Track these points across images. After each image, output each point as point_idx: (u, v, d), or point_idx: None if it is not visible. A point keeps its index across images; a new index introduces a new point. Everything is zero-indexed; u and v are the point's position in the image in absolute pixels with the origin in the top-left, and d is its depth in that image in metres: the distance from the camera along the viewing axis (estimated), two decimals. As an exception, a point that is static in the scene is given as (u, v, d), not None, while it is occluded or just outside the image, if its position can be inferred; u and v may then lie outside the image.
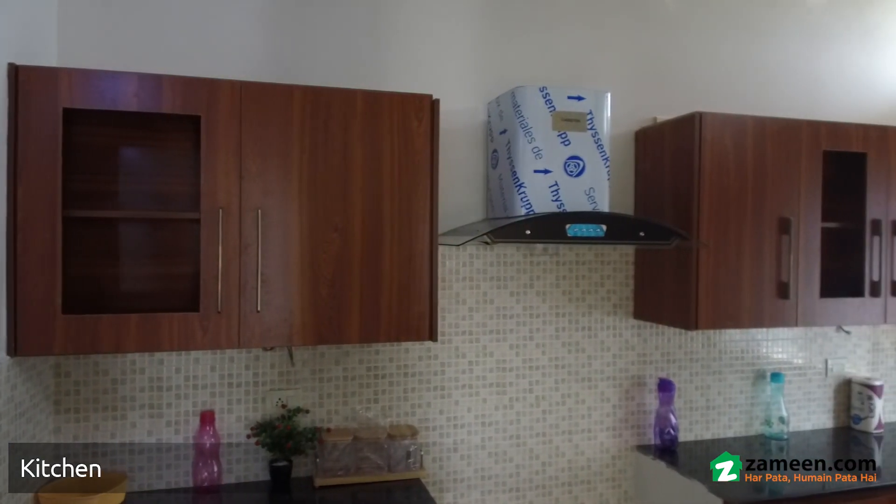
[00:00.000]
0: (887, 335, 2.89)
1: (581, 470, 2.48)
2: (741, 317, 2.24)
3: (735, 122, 2.23)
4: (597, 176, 2.14)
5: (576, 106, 2.12)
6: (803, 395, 2.76)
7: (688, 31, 2.61)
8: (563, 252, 2.46)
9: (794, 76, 2.75)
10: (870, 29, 2.87)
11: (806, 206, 2.30)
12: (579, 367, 2.48)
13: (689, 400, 2.59)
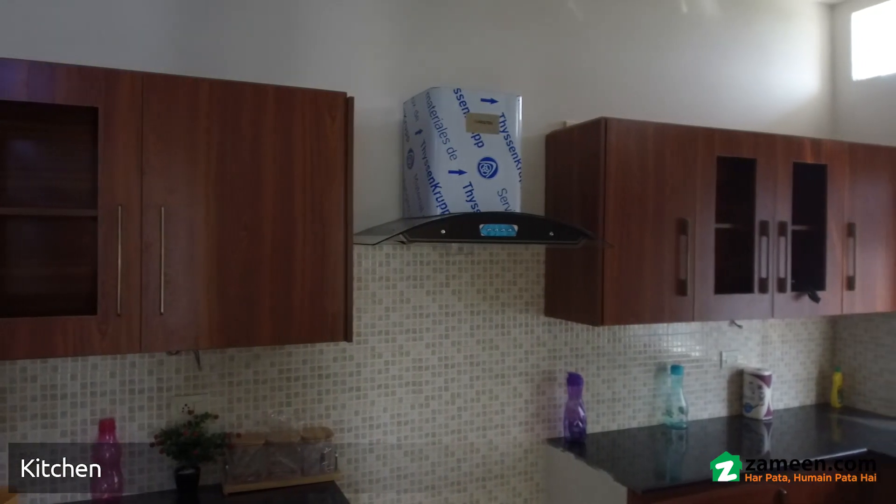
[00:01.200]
0: (775, 328, 3.12)
1: (495, 465, 2.53)
2: (643, 313, 2.36)
3: (638, 128, 2.34)
4: (509, 177, 2.19)
5: (489, 108, 2.17)
6: (700, 385, 2.94)
7: (595, 40, 2.72)
8: (478, 251, 2.51)
9: (692, 85, 2.92)
10: (760, 43, 3.09)
11: (702, 209, 2.45)
12: (493, 364, 2.53)
13: (597, 393, 2.70)
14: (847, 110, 3.24)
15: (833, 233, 2.73)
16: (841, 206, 2.74)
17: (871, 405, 3.09)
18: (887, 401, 3.02)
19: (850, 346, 3.20)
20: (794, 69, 3.19)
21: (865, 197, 2.81)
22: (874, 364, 3.08)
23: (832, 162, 2.72)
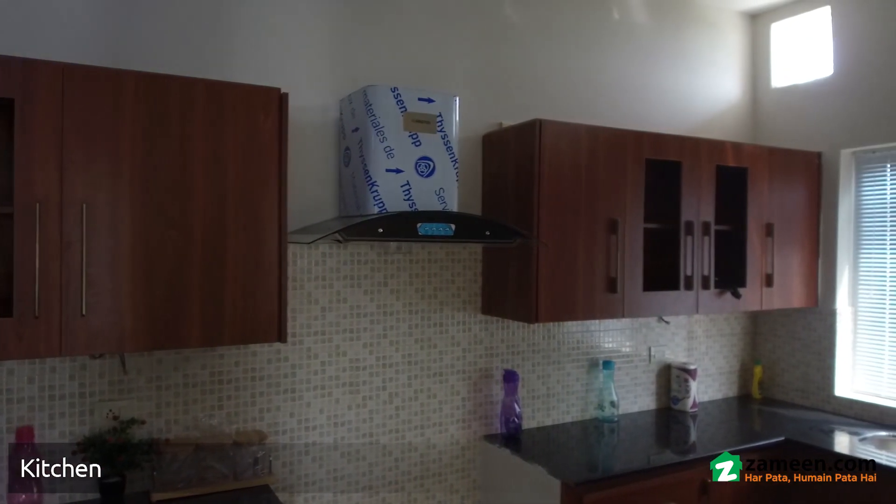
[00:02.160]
0: (699, 324, 3.26)
1: (432, 463, 2.54)
2: (576, 310, 2.43)
3: (571, 130, 2.40)
4: (446, 177, 2.20)
5: (426, 108, 2.17)
6: (631, 380, 3.04)
7: (530, 43, 2.77)
8: (416, 250, 2.51)
9: (622, 89, 3.02)
10: (686, 50, 3.23)
11: (631, 209, 2.53)
12: (431, 363, 2.54)
13: (532, 389, 2.76)
14: (766, 116, 3.42)
15: (753, 233, 2.87)
16: (760, 207, 2.90)
17: (788, 395, 3.27)
18: (803, 391, 3.20)
19: (769, 340, 3.38)
20: (717, 76, 3.34)
21: (783, 198, 2.98)
22: (791, 357, 3.27)
23: (752, 165, 2.87)
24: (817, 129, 3.15)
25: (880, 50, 2.91)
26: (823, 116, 3.13)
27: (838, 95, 3.07)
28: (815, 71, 3.19)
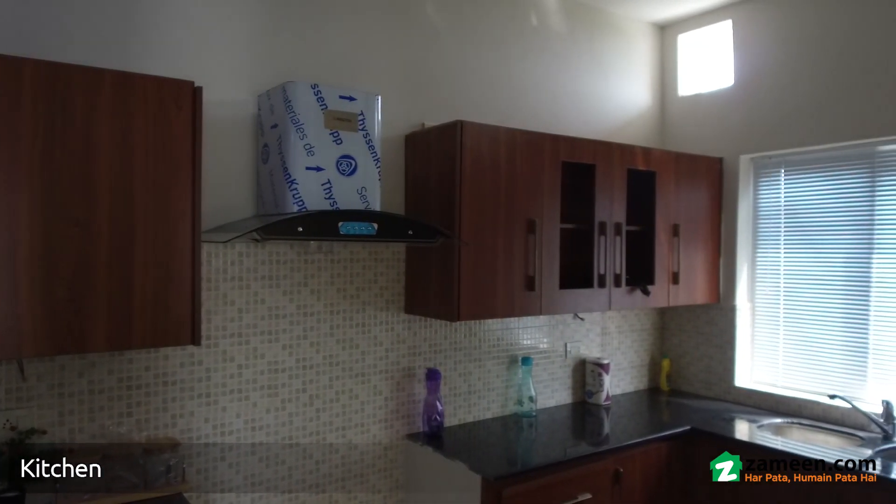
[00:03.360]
0: (612, 320, 3.40)
1: (354, 464, 2.52)
2: (496, 308, 2.48)
3: (491, 132, 2.45)
4: (368, 176, 2.20)
5: (347, 106, 2.16)
6: (548, 375, 3.13)
7: (452, 45, 2.80)
8: (338, 250, 2.49)
9: (539, 93, 3.10)
10: (600, 58, 3.36)
11: (548, 210, 2.61)
12: (353, 363, 2.52)
13: (454, 387, 2.79)
14: (673, 122, 3.61)
15: (661, 233, 3.03)
16: (667, 208, 3.06)
17: (693, 387, 3.47)
18: (706, 383, 3.41)
19: (675, 335, 3.57)
20: (629, 83, 3.50)
21: (688, 201, 3.16)
22: (696, 350, 3.46)
23: (660, 169, 3.02)
24: (719, 136, 3.35)
25: (775, 63, 3.14)
26: (725, 124, 3.34)
27: (738, 105, 3.29)
28: (718, 81, 3.40)
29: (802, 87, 3.02)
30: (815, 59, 2.97)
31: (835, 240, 2.98)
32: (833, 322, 2.99)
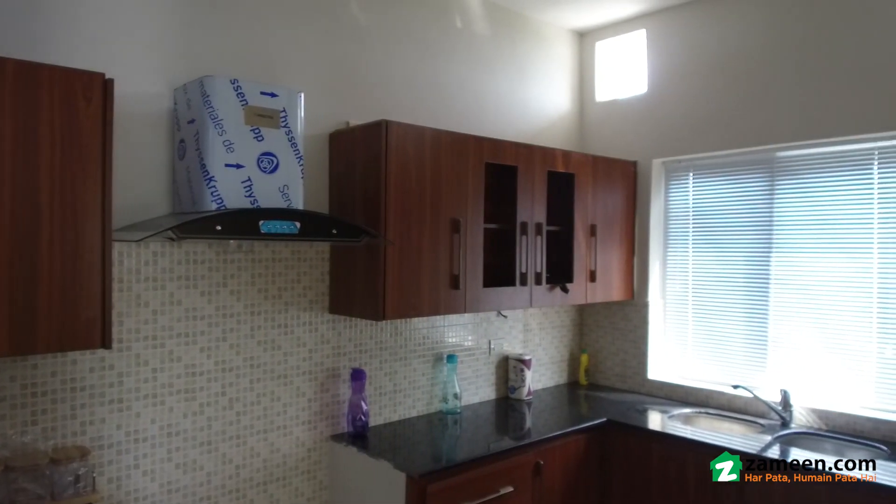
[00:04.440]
0: (534, 317, 3.50)
1: (276, 467, 2.48)
2: (422, 306, 2.50)
3: (416, 132, 2.47)
4: (291, 173, 2.16)
5: (269, 102, 2.12)
6: (472, 372, 3.18)
7: (377, 44, 2.80)
8: (259, 249, 2.44)
9: (464, 95, 3.15)
10: (522, 62, 3.44)
11: (472, 210, 2.66)
12: (275, 365, 2.48)
13: (379, 386, 2.79)
14: (592, 127, 3.75)
15: (579, 233, 3.14)
16: (585, 209, 3.17)
17: (610, 381, 3.61)
18: (622, 376, 3.56)
19: (593, 331, 3.71)
20: (550, 88, 3.60)
21: (605, 202, 3.29)
22: (612, 345, 3.61)
23: (579, 171, 3.13)
24: (634, 141, 3.51)
25: (685, 73, 3.32)
26: (639, 129, 3.50)
27: (651, 111, 3.45)
28: (633, 88, 3.56)
29: (709, 95, 3.21)
30: (721, 70, 3.17)
31: (738, 239, 3.19)
32: (736, 316, 3.19)
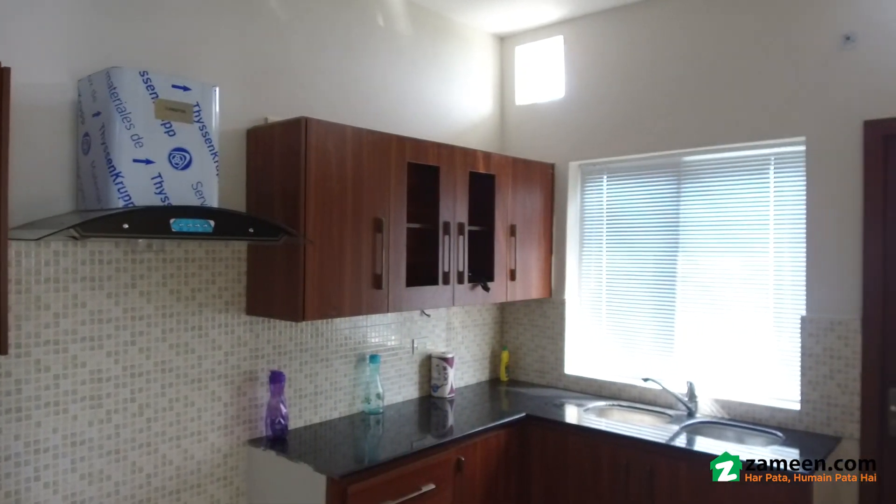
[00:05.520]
0: (456, 316, 3.54)
1: (191, 475, 2.39)
2: (343, 306, 2.48)
3: (337, 130, 2.44)
4: (205, 170, 2.10)
5: (182, 96, 2.05)
6: (396, 372, 3.18)
7: (297, 40, 2.75)
8: (171, 249, 2.34)
9: (386, 94, 3.15)
10: (444, 64, 3.47)
11: (395, 209, 2.66)
12: (189, 369, 2.39)
13: (299, 388, 2.74)
14: (512, 130, 3.83)
15: (500, 233, 3.21)
16: (505, 210, 3.24)
17: (529, 376, 3.71)
18: (540, 372, 3.66)
19: (513, 328, 3.79)
20: (471, 90, 3.65)
21: (524, 203, 3.37)
22: (531, 342, 3.71)
23: (499, 173, 3.20)
24: (552, 144, 3.62)
25: (600, 79, 3.45)
26: (556, 133, 3.61)
27: (568, 115, 3.57)
28: (551, 93, 3.67)
29: (622, 102, 3.35)
30: (633, 78, 3.31)
31: (648, 239, 3.35)
32: (646, 312, 3.35)
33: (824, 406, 2.70)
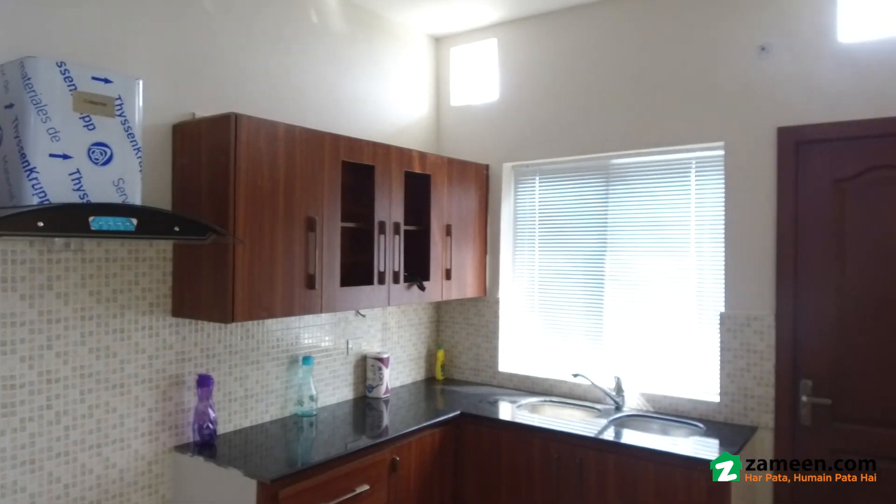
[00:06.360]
0: (392, 315, 3.53)
1: (112, 484, 2.29)
2: (275, 307, 2.43)
3: (268, 127, 2.39)
4: (127, 166, 2.02)
5: (102, 89, 1.96)
6: (330, 373, 3.15)
7: (226, 34, 2.68)
8: (91, 248, 2.23)
9: (319, 91, 3.10)
10: (380, 63, 3.46)
11: (329, 208, 2.63)
12: (110, 374, 2.28)
13: (229, 392, 2.67)
14: (447, 130, 3.86)
15: (435, 232, 3.22)
16: (441, 210, 3.26)
17: (464, 375, 3.74)
18: (475, 370, 3.70)
19: (449, 327, 3.82)
20: (407, 90, 3.65)
21: (459, 203, 3.40)
22: (466, 340, 3.74)
23: (435, 173, 3.21)
24: (486, 145, 3.66)
25: (532, 82, 3.51)
26: (491, 134, 3.66)
27: (501, 117, 3.62)
28: (486, 94, 3.71)
29: (553, 105, 3.43)
30: (563, 82, 3.40)
31: (578, 239, 3.44)
32: (577, 310, 3.44)
33: (742, 398, 2.85)
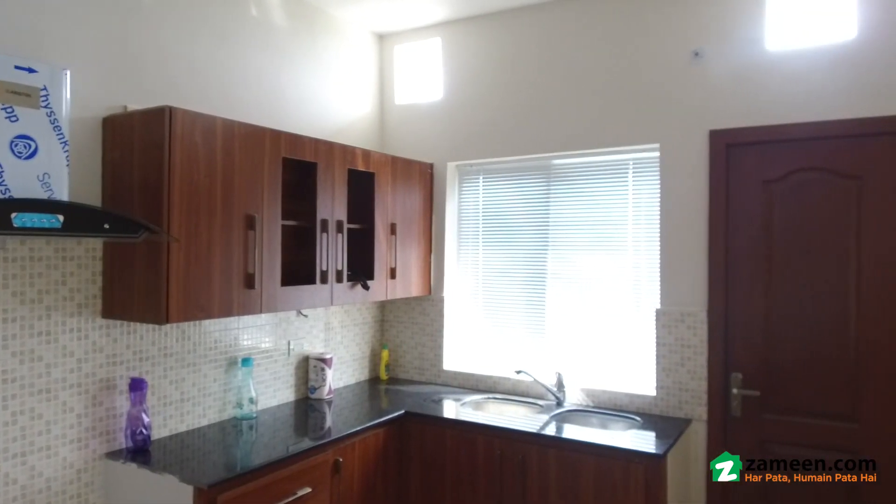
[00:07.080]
0: (335, 315, 3.49)
1: (38, 494, 2.17)
2: (212, 308, 2.36)
3: (205, 122, 2.32)
4: (53, 161, 1.93)
5: (26, 78, 1.88)
6: (270, 375, 3.08)
7: (162, 25, 2.58)
8: (14, 246, 2.11)
9: (260, 86, 3.04)
10: (323, 59, 3.41)
11: (269, 206, 2.57)
12: (35, 379, 2.17)
13: (164, 395, 2.58)
14: (391, 128, 3.84)
15: (380, 231, 3.20)
16: (385, 208, 3.24)
17: (409, 374, 3.73)
18: (420, 369, 3.69)
19: (394, 326, 3.80)
20: (351, 87, 3.62)
21: (404, 202, 3.39)
22: (411, 339, 3.73)
23: (379, 171, 3.19)
24: (431, 144, 3.67)
25: (476, 82, 3.54)
26: (435, 133, 3.66)
27: (446, 116, 3.63)
28: (430, 93, 3.71)
29: (496, 105, 3.46)
30: (506, 83, 3.43)
31: (520, 238, 3.48)
32: (519, 308, 3.49)
33: (677, 391, 2.95)
